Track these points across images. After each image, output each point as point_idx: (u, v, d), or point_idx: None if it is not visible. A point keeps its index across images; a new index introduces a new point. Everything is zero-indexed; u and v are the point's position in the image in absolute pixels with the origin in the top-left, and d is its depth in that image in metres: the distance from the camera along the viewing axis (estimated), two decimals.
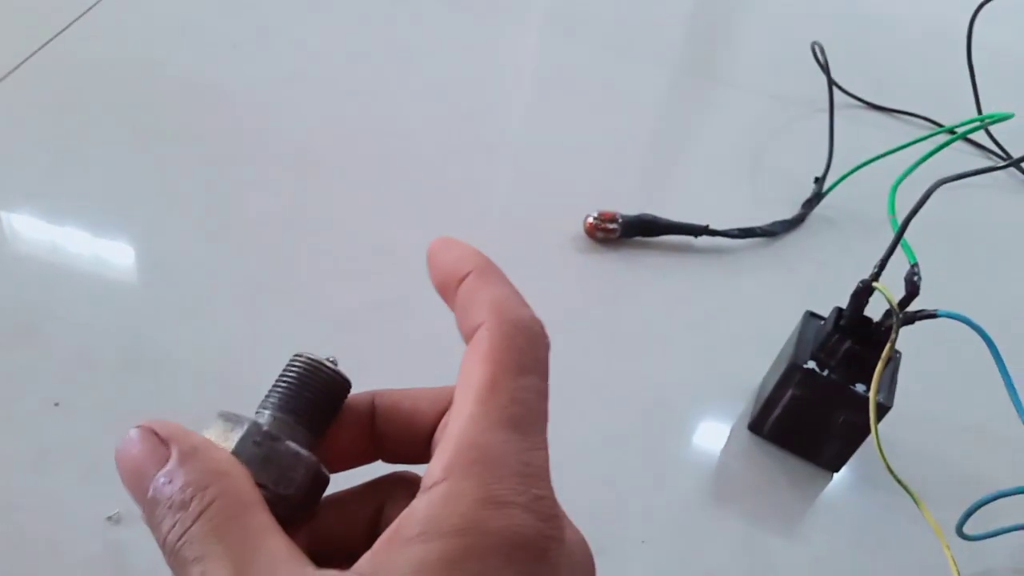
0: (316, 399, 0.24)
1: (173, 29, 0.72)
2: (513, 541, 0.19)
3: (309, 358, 0.24)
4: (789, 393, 0.47)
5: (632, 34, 0.84)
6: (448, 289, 0.23)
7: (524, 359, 0.21)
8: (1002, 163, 0.45)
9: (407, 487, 0.24)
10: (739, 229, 0.61)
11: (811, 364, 0.45)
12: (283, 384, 0.24)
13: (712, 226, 0.60)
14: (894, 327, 0.41)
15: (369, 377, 0.25)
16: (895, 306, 0.41)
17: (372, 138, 0.65)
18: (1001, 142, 0.77)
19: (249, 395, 0.25)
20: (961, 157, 0.77)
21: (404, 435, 0.24)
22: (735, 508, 0.47)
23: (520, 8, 0.83)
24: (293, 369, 0.24)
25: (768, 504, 0.48)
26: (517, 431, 0.20)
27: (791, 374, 0.46)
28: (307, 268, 0.55)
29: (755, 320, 0.56)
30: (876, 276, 0.43)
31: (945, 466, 0.51)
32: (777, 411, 0.48)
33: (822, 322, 0.47)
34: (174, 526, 0.19)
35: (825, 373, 0.45)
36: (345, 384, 0.24)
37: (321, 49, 0.73)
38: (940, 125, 0.76)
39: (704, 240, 0.61)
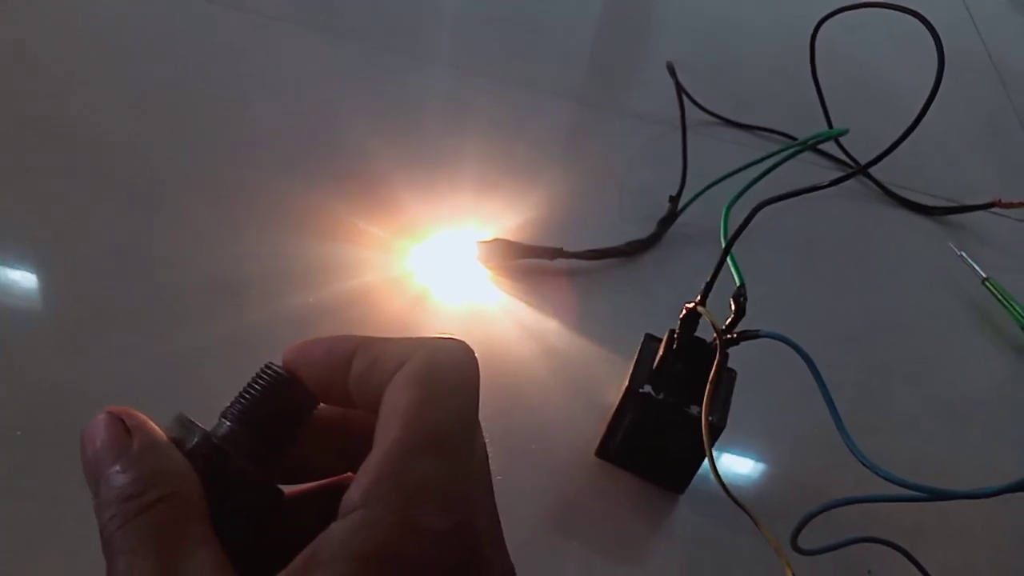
0: (276, 412, 0.23)
1: (5, 56, 0.68)
2: (425, 570, 0.18)
3: (274, 370, 0.23)
4: (628, 417, 0.47)
5: (491, 55, 0.84)
6: (334, 372, 0.23)
7: (452, 381, 0.21)
8: (824, 183, 0.45)
9: None
10: (593, 250, 0.61)
11: (647, 388, 0.45)
12: (246, 395, 0.23)
13: (567, 248, 0.60)
14: (718, 349, 0.42)
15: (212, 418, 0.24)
16: (718, 329, 0.42)
17: (219, 167, 0.62)
18: (856, 150, 0.79)
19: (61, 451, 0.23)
20: (815, 170, 0.79)
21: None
22: (580, 536, 0.47)
23: (386, 35, 0.83)
24: (258, 381, 0.23)
25: (614, 530, 0.47)
26: (442, 456, 0.20)
27: (628, 398, 0.46)
28: (143, 304, 0.52)
29: (610, 342, 0.56)
30: (702, 301, 0.43)
31: (785, 482, 0.52)
32: (620, 435, 0.48)
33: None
34: (116, 515, 0.19)
35: (661, 396, 0.45)
36: (308, 399, 0.24)
37: (167, 77, 0.70)
38: (795, 139, 0.78)
39: (560, 262, 0.60)
